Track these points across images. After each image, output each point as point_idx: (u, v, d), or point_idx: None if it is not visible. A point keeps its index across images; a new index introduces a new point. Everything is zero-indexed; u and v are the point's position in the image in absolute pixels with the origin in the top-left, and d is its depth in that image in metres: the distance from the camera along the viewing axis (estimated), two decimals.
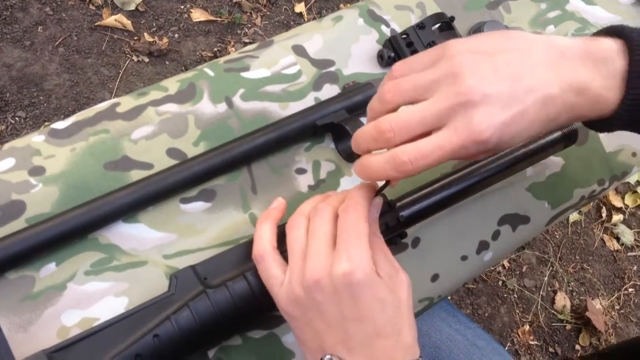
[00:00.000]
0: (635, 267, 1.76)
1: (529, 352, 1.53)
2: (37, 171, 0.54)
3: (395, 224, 0.56)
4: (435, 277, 0.64)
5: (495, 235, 0.67)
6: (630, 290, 1.75)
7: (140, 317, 0.48)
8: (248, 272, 0.51)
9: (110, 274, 0.53)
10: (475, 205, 0.66)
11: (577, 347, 1.57)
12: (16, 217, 0.52)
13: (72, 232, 0.52)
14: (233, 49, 1.75)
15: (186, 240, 0.56)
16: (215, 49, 1.75)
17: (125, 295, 0.53)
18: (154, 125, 0.59)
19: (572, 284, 1.65)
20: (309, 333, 0.48)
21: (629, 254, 1.78)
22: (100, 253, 0.53)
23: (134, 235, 0.55)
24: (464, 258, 0.65)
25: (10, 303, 0.50)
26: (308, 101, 0.64)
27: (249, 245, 0.52)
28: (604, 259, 1.74)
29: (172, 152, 0.58)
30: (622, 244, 1.80)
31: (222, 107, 0.61)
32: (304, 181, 0.61)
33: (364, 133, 0.49)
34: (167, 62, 1.69)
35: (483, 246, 0.66)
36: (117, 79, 1.61)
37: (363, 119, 0.61)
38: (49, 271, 0.52)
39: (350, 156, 0.63)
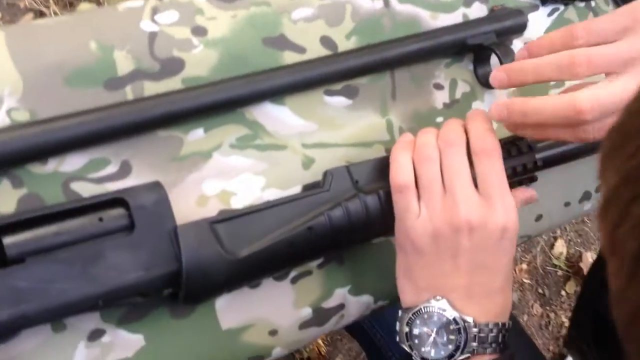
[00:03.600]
0: None
1: (521, 289, 1.60)
2: (199, 31, 0.52)
3: (532, 167, 0.56)
4: (539, 217, 0.65)
5: (599, 188, 0.68)
6: None
7: (294, 206, 0.48)
8: None
9: (252, 151, 0.53)
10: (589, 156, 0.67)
11: (563, 292, 1.64)
12: (174, 74, 0.51)
13: (224, 102, 0.51)
14: None
15: (325, 132, 0.56)
16: None
17: (263, 175, 0.53)
18: (313, 9, 0.56)
19: (572, 234, 1.70)
20: (429, 271, 0.49)
21: None
22: (245, 128, 0.53)
23: (278, 117, 0.54)
24: (567, 204, 0.66)
25: (158, 161, 0.50)
26: (457, 16, 0.63)
27: None
28: None
29: (325, 40, 0.56)
30: None
31: (379, 3, 0.59)
32: (440, 97, 0.61)
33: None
34: None
35: (586, 196, 0.68)
36: None
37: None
38: (196, 136, 0.51)
39: (489, 82, 0.62)
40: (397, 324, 0.50)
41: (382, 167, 0.52)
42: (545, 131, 0.49)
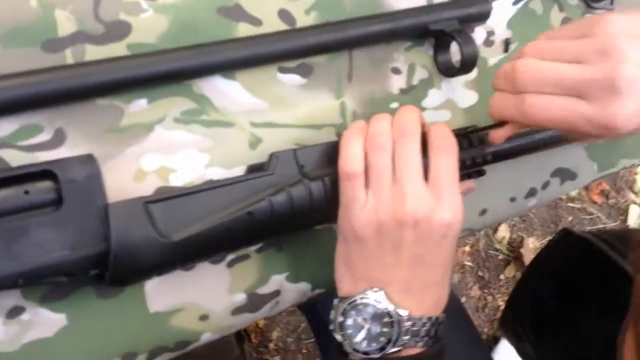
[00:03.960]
0: (570, 218, 1.85)
1: (462, 271, 1.61)
2: None
3: (482, 160, 0.55)
4: (483, 212, 0.64)
5: (545, 185, 0.68)
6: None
7: (236, 189, 0.46)
8: None
9: (197, 127, 0.50)
10: (537, 153, 0.66)
11: (502, 276, 1.67)
12: (119, 39, 0.47)
13: (170, 73, 0.48)
14: None
15: (275, 112, 0.53)
16: None
17: (207, 152, 0.50)
18: None
19: (516, 219, 1.72)
20: (370, 262, 0.48)
21: (569, 204, 1.86)
22: (192, 102, 0.50)
23: (227, 93, 0.51)
24: (512, 199, 0.66)
25: (95, 130, 0.46)
26: None
27: None
28: (548, 203, 1.82)
29: (283, 13, 0.53)
30: (567, 193, 1.89)
31: None
32: (397, 82, 0.59)
33: (501, 69, 0.49)
34: None
35: (532, 193, 0.67)
36: None
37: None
38: (139, 107, 0.48)
39: (447, 70, 0.60)
40: (332, 312, 0.49)
41: (331, 152, 0.50)
42: None
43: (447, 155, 0.48)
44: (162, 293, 0.49)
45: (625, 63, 0.43)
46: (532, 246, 1.69)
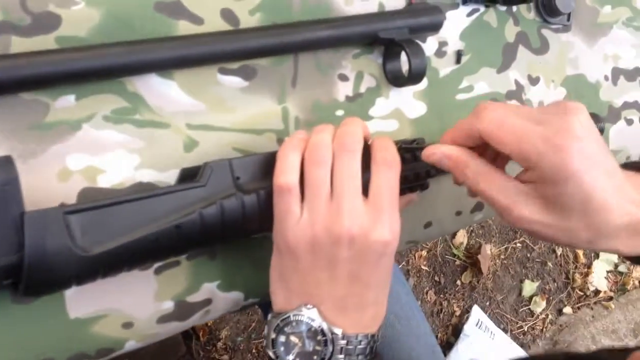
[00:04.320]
0: None
1: (418, 275, 1.61)
2: None
3: (424, 174, 0.54)
4: (428, 225, 0.63)
5: None
6: (518, 245, 1.86)
7: (164, 201, 0.44)
8: None
9: (129, 126, 0.48)
10: None
11: (458, 282, 1.67)
12: (47, 31, 0.45)
13: (102, 69, 0.45)
14: None
15: (214, 114, 0.51)
16: None
17: (138, 153, 0.48)
18: None
19: (475, 225, 1.73)
20: (304, 277, 0.46)
21: None
22: (124, 101, 0.48)
23: (163, 92, 0.49)
24: (458, 213, 0.65)
25: (17, 127, 0.44)
26: (372, 4, 0.59)
27: None
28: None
29: (226, 13, 0.52)
30: None
31: None
32: (343, 89, 0.57)
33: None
34: None
35: (478, 207, 0.66)
36: None
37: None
38: (66, 103, 0.46)
39: (396, 79, 0.59)
40: (266, 328, 0.48)
41: (269, 163, 0.48)
42: None
43: (388, 172, 0.47)
44: (83, 299, 0.47)
45: (580, 115, 0.43)
46: (489, 253, 1.69)
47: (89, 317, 0.47)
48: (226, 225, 0.45)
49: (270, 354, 0.47)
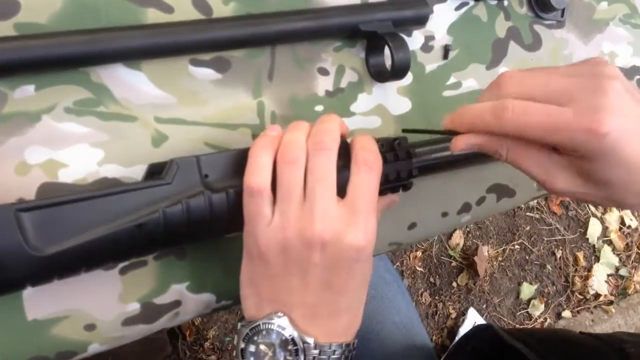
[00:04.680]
0: (528, 227, 1.84)
1: (413, 276, 1.59)
2: None
3: (407, 175, 0.51)
4: (412, 226, 0.61)
5: (480, 200, 0.64)
6: (516, 247, 1.83)
7: (127, 197, 0.41)
8: None
9: (92, 119, 0.46)
10: (474, 167, 0.63)
11: (454, 284, 1.64)
12: (4, 17, 0.43)
13: (64, 57, 0.43)
14: None
15: (185, 108, 0.49)
16: None
17: (102, 148, 0.46)
18: None
19: (472, 226, 1.70)
20: (275, 283, 0.44)
21: (527, 213, 1.85)
22: (88, 92, 0.46)
23: (131, 84, 0.47)
24: (444, 214, 0.62)
25: None
26: None
27: None
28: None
29: (198, 2, 0.50)
30: (525, 203, 1.87)
31: None
32: (323, 84, 0.55)
33: (478, 106, 0.44)
34: None
35: (465, 208, 0.64)
36: None
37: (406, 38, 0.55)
38: (25, 93, 0.44)
39: (379, 74, 0.57)
40: (235, 337, 0.46)
41: (240, 161, 0.46)
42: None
43: (369, 174, 0.44)
44: (42, 299, 0.45)
45: (618, 80, 0.41)
46: (486, 254, 1.67)
47: (48, 318, 0.45)
48: (192, 225, 0.43)
49: None
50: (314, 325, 0.44)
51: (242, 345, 0.44)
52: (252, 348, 0.44)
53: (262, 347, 0.44)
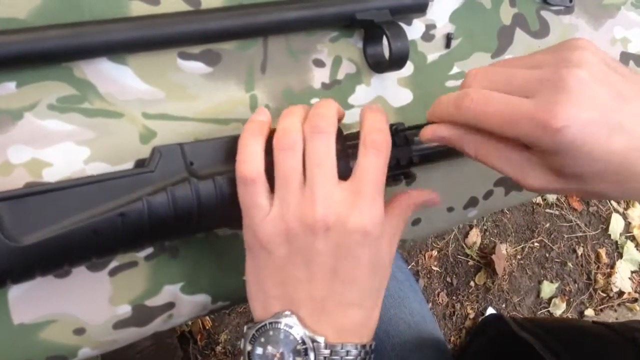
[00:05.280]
0: (547, 225, 1.80)
1: (429, 275, 1.56)
2: None
3: (407, 162, 0.49)
4: (417, 222, 0.59)
5: (488, 194, 0.62)
6: (535, 244, 1.79)
7: (107, 186, 0.40)
8: None
9: (77, 116, 0.44)
10: None
11: (472, 283, 1.61)
12: None
13: (46, 52, 0.42)
14: None
15: (173, 102, 0.47)
16: None
17: (87, 145, 0.44)
18: None
19: (489, 224, 1.67)
20: (280, 277, 0.42)
21: (547, 210, 1.81)
22: (71, 88, 0.44)
23: (116, 78, 0.46)
24: (450, 209, 0.60)
25: None
26: None
27: None
28: (523, 208, 1.77)
29: None
30: (544, 199, 1.83)
31: None
32: (319, 76, 0.53)
33: (444, 97, 0.44)
34: None
35: (472, 202, 0.61)
36: None
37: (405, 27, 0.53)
38: (6, 91, 0.42)
39: (377, 65, 0.55)
40: (241, 341, 0.43)
41: (227, 149, 0.44)
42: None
43: (376, 155, 0.42)
44: (29, 303, 0.43)
45: (582, 68, 0.38)
46: (505, 253, 1.64)
47: (36, 322, 0.44)
48: (179, 215, 0.41)
49: None
50: (323, 322, 0.42)
51: (249, 347, 0.42)
52: (259, 350, 0.42)
53: (269, 348, 0.41)
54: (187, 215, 0.42)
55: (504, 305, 1.68)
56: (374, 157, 0.42)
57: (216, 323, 1.26)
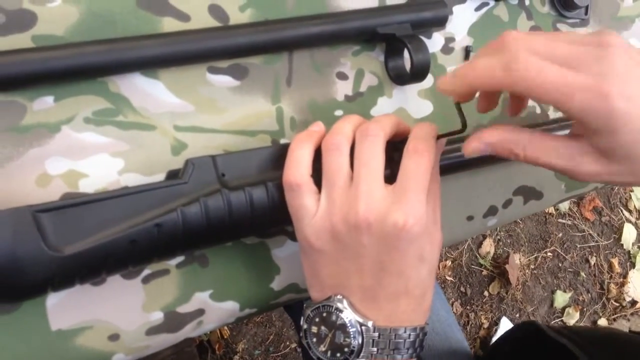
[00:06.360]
0: (560, 234, 1.81)
1: (443, 285, 1.57)
2: None
3: None
4: None
5: (507, 203, 0.63)
6: (549, 254, 1.80)
7: (143, 198, 0.42)
8: (270, 182, 0.45)
9: (112, 129, 0.46)
10: (498, 169, 0.62)
11: (486, 293, 1.62)
12: (23, 29, 0.43)
13: (82, 68, 0.43)
14: None
15: (203, 115, 0.49)
16: None
17: (122, 157, 0.46)
18: None
19: (502, 234, 1.68)
20: (333, 269, 0.45)
21: (560, 220, 1.82)
22: (106, 102, 0.46)
23: (149, 92, 0.47)
24: (470, 218, 0.61)
25: None
26: None
27: (275, 151, 0.46)
28: (536, 218, 1.77)
29: (214, 9, 0.49)
30: (557, 209, 1.84)
31: None
32: (342, 89, 0.55)
33: (485, 61, 0.41)
34: None
35: (491, 211, 0.62)
36: None
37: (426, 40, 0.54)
38: (44, 105, 0.44)
39: (399, 77, 0.56)
40: (302, 318, 0.46)
41: (258, 160, 0.46)
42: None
43: (419, 158, 0.44)
44: (66, 309, 0.45)
45: (625, 49, 0.39)
46: (518, 262, 1.64)
47: (72, 328, 0.45)
48: (211, 225, 0.43)
49: (305, 344, 0.46)
50: (373, 309, 0.44)
51: (305, 326, 0.45)
52: (313, 329, 0.45)
53: (322, 328, 0.44)
54: (219, 225, 0.43)
55: (517, 315, 1.68)
56: (415, 160, 0.44)
57: (234, 332, 1.28)
